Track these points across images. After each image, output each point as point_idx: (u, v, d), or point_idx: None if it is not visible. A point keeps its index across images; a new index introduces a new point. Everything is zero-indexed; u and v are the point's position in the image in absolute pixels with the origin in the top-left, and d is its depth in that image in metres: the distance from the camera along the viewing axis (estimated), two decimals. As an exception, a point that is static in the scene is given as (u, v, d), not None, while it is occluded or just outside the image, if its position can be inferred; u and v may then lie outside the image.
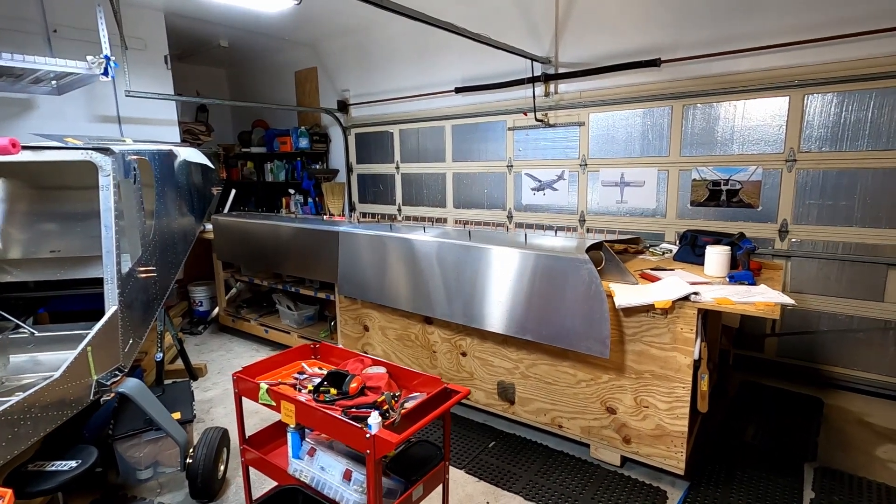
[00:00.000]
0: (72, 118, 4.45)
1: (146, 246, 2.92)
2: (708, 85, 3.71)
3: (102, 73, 3.32)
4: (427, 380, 1.88)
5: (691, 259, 3.06)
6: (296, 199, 6.60)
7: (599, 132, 4.29)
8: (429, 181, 5.58)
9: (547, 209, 4.72)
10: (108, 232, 2.45)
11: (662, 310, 2.33)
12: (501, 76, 4.73)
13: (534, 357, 2.81)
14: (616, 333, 2.50)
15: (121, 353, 2.45)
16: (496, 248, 2.77)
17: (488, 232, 3.34)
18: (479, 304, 2.84)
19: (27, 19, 4.09)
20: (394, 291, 3.28)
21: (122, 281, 2.54)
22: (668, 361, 2.38)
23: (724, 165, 3.74)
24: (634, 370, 2.49)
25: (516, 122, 4.75)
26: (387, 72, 5.74)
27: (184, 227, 3.84)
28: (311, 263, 3.84)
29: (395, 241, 3.21)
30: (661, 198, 4.07)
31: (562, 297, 2.51)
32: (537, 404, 2.87)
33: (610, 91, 4.18)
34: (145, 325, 2.86)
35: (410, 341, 3.39)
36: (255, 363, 2.10)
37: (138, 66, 4.87)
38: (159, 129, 5.09)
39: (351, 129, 6.27)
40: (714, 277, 2.67)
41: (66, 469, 1.99)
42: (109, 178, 2.48)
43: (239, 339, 4.80)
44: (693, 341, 2.30)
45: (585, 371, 2.64)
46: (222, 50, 6.54)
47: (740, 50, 3.54)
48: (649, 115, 4.02)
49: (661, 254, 3.32)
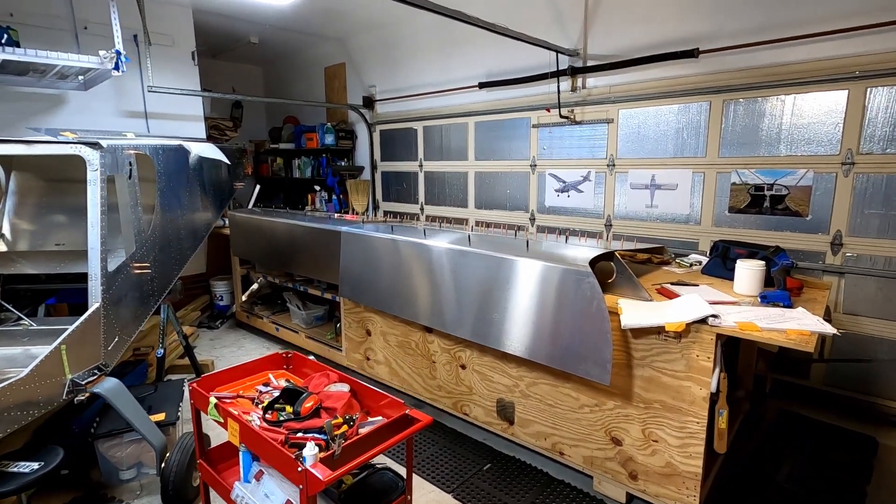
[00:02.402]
0: (99, 113, 4.55)
1: (142, 241, 2.89)
2: (753, 77, 3.31)
3: (114, 67, 3.34)
4: (392, 403, 1.69)
5: (721, 273, 2.72)
6: (320, 196, 6.57)
7: (629, 130, 3.95)
8: (451, 180, 5.38)
9: (571, 212, 4.42)
10: (93, 228, 2.40)
11: (675, 333, 2.03)
12: (526, 71, 4.47)
13: (534, 375, 2.57)
14: (623, 356, 2.22)
15: (102, 351, 2.41)
16: (490, 255, 2.54)
17: (491, 236, 3.10)
18: (472, 314, 2.62)
19: (57, 16, 4.20)
20: (390, 296, 3.11)
21: (110, 277, 2.50)
22: (680, 392, 2.08)
23: (769, 168, 3.33)
24: (643, 399, 2.20)
25: (541, 118, 4.47)
26: (412, 67, 5.58)
27: (193, 222, 3.83)
28: (317, 263, 3.74)
29: (392, 244, 3.04)
30: (695, 203, 3.70)
31: (560, 313, 2.26)
32: (537, 427, 2.63)
33: (642, 85, 3.84)
34: (137, 323, 2.82)
35: (411, 349, 3.21)
36: (222, 371, 1.98)
37: (166, 62, 4.94)
38: (185, 125, 5.14)
39: (376, 125, 6.16)
40: (744, 296, 2.33)
41: (28, 471, 1.94)
42: (97, 172, 2.44)
43: (253, 336, 4.79)
44: (710, 371, 1.99)
45: (589, 395, 2.37)
46: (254, 46, 6.59)
47: (792, 37, 3.13)
48: (685, 112, 3.65)
49: (689, 265, 2.98)
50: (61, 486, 2.52)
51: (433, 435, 3.02)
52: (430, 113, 5.43)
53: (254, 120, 7.83)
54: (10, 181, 3.12)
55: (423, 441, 2.96)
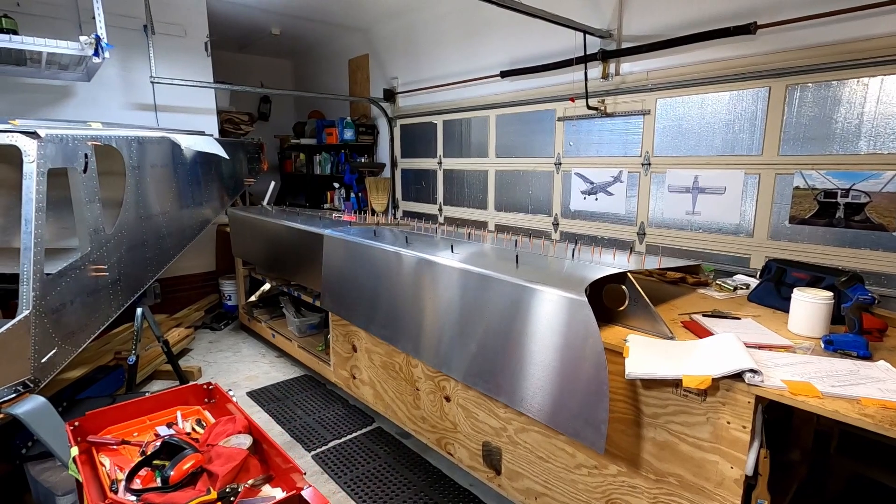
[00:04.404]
0: (106, 105, 4.43)
1: (101, 241, 2.64)
2: (825, 56, 2.66)
3: (94, 53, 3.13)
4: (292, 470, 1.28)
5: (773, 303, 2.14)
6: (339, 194, 6.29)
7: (668, 123, 3.36)
8: (470, 179, 4.93)
9: (599, 217, 3.86)
10: (27, 226, 2.15)
11: (698, 389, 1.51)
12: (552, 57, 3.94)
13: (524, 420, 2.09)
14: (629, 409, 1.71)
15: (32, 365, 2.15)
16: (464, 269, 2.09)
17: (479, 245, 2.63)
18: (446, 341, 2.20)
19: (61, 5, 4.09)
20: (369, 311, 2.72)
21: (49, 282, 2.24)
22: (703, 467, 1.55)
23: (845, 169, 2.67)
24: (654, 468, 1.68)
25: (567, 111, 3.93)
26: (433, 57, 5.17)
27: (180, 219, 3.59)
28: (305, 268, 3.41)
29: (369, 252, 2.65)
30: (747, 210, 3.06)
31: (545, 352, 1.78)
32: (527, 482, 2.14)
33: (685, 70, 3.23)
34: (88, 331, 2.57)
35: (395, 371, 2.80)
36: (125, 403, 1.65)
37: (177, 53, 4.79)
38: (196, 118, 4.97)
39: (396, 119, 5.80)
40: (801, 338, 1.76)
41: None
42: (34, 165, 2.18)
43: (252, 341, 4.54)
44: (745, 445, 1.45)
45: (587, 454, 1.87)
46: (280, 39, 6.40)
47: (878, 3, 2.46)
48: (737, 101, 3.03)
49: (732, 289, 2.40)
50: (-7, 509, 2.30)
51: (412, 475, 2.60)
52: (451, 106, 5.00)
53: (283, 115, 7.69)
54: (-17, 173, 2.97)
55: (399, 481, 2.55)
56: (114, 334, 3.74)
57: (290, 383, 3.69)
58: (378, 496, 2.44)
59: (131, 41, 4.45)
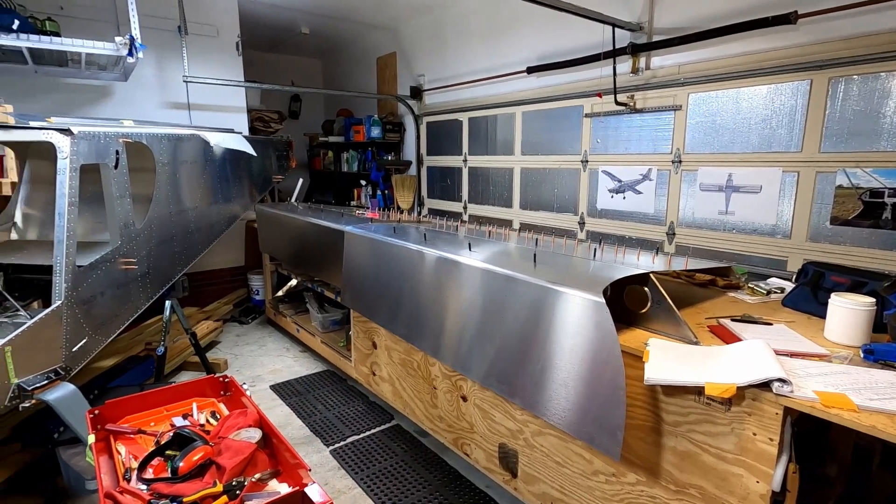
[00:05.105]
0: (143, 104, 4.58)
1: (130, 235, 2.72)
2: (872, 47, 2.49)
3: (128, 53, 3.24)
4: (299, 466, 1.28)
5: (809, 307, 2.02)
6: (365, 192, 6.34)
7: (701, 119, 3.22)
8: (496, 177, 4.87)
9: (627, 216, 3.74)
10: (60, 220, 2.23)
11: (722, 398, 1.43)
12: (580, 52, 3.85)
13: (540, 423, 2.04)
14: (649, 417, 1.64)
15: (63, 353, 2.24)
16: (477, 267, 2.05)
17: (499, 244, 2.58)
18: (461, 339, 2.16)
19: (100, 8, 4.25)
20: (388, 308, 2.72)
21: (80, 274, 2.33)
22: (727, 480, 1.47)
23: (893, 167, 2.50)
24: (674, 479, 1.61)
25: (595, 106, 3.83)
26: (459, 53, 5.14)
27: (209, 215, 3.68)
28: (327, 264, 3.43)
29: (387, 248, 2.64)
30: (784, 210, 2.91)
31: (561, 354, 1.72)
32: (543, 486, 2.09)
33: (719, 63, 3.10)
34: (118, 322, 2.66)
35: (413, 370, 2.79)
36: (143, 394, 1.69)
37: (210, 53, 4.91)
38: (227, 116, 5.09)
39: (423, 117, 5.79)
40: (838, 346, 1.65)
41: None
42: (67, 160, 2.26)
43: (277, 335, 4.62)
44: (773, 459, 1.37)
45: (604, 460, 1.81)
46: (309, 39, 6.49)
47: (935, -12, 2.29)
48: (775, 95, 2.88)
49: (765, 293, 2.28)
50: (28, 490, 2.40)
51: (429, 474, 2.58)
52: (476, 103, 4.95)
53: (312, 113, 7.80)
54: (25, 169, 3.11)
55: (416, 480, 2.54)
56: (144, 326, 3.87)
57: (313, 378, 3.73)
58: (394, 494, 2.43)
59: (166, 42, 4.58)
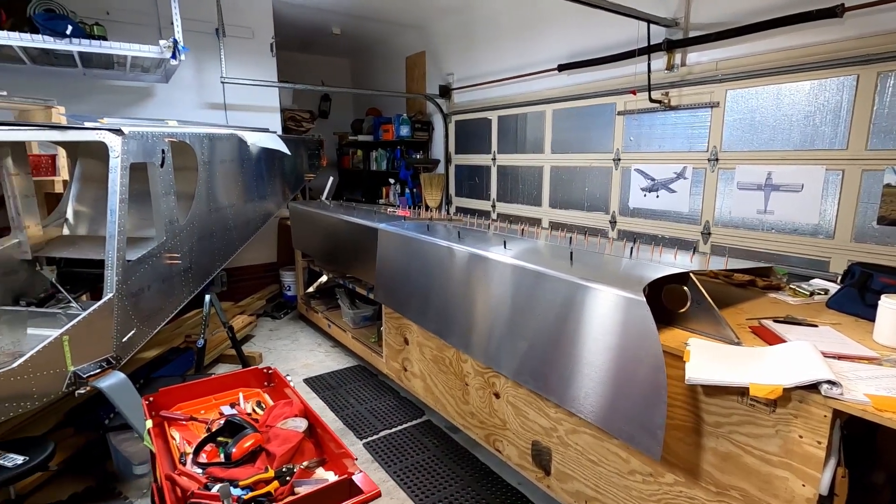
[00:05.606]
0: (182, 105, 4.74)
1: (174, 231, 2.83)
2: (925, 39, 2.40)
3: (171, 56, 3.36)
4: (344, 455, 1.32)
5: (856, 310, 1.96)
6: (394, 190, 6.40)
7: (739, 115, 3.15)
8: (525, 175, 4.86)
9: (660, 215, 3.69)
10: (111, 216, 2.34)
11: (767, 399, 1.41)
12: (612, 49, 3.81)
13: (575, 422, 2.04)
14: (689, 417, 1.63)
15: (114, 343, 2.34)
16: (515, 265, 2.06)
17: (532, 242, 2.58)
18: (496, 337, 2.18)
19: (143, 12, 4.41)
20: (421, 304, 2.75)
21: (129, 268, 2.43)
22: (771, 483, 1.45)
23: (946, 165, 2.41)
24: (714, 480, 1.59)
25: (628, 104, 3.78)
26: (489, 52, 5.14)
27: (245, 212, 3.78)
28: (360, 261, 3.49)
29: (421, 246, 2.67)
30: (828, 210, 2.83)
31: (599, 352, 1.72)
32: (577, 485, 2.10)
33: (759, 59, 3.02)
34: (163, 315, 2.76)
35: (445, 366, 2.82)
36: (191, 383, 1.76)
37: (246, 55, 5.03)
38: (262, 116, 5.21)
39: (451, 116, 5.82)
40: (888, 349, 1.61)
41: (10, 466, 1.88)
42: (118, 159, 2.37)
43: (309, 330, 4.72)
44: (820, 462, 1.34)
45: (641, 459, 1.80)
46: (339, 39, 6.59)
47: None
48: (819, 91, 2.80)
49: (808, 294, 2.22)
50: (79, 472, 2.52)
51: (460, 469, 2.61)
52: (506, 101, 4.95)
53: (342, 112, 7.91)
54: (76, 167, 3.26)
55: (447, 474, 2.57)
56: (184, 319, 4.00)
57: (344, 372, 3.80)
58: (426, 487, 2.47)
59: (203, 44, 4.72)
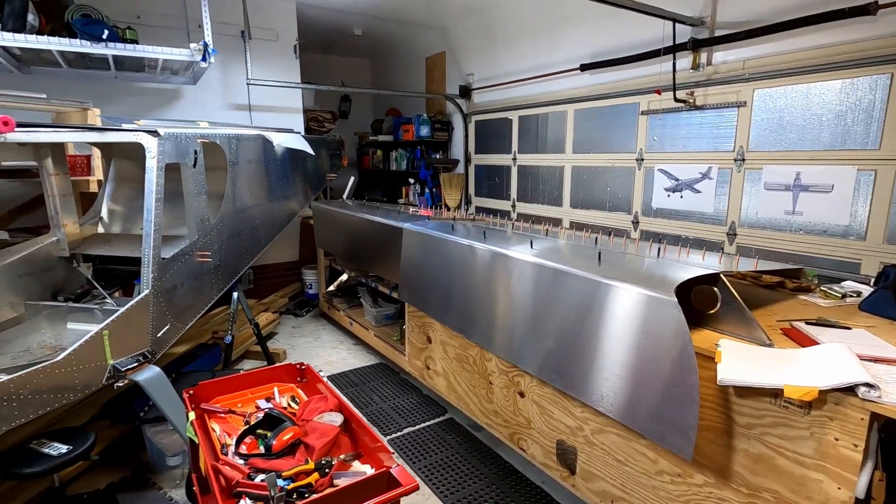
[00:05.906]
0: (208, 106, 4.84)
1: (206, 230, 2.90)
2: (964, 37, 2.35)
3: (202, 58, 3.44)
4: (380, 449, 1.35)
5: (891, 312, 1.94)
6: (414, 190, 6.44)
7: (767, 115, 3.12)
8: (545, 175, 4.86)
9: (684, 216, 3.66)
10: (148, 215, 2.41)
11: (801, 401, 1.40)
12: (636, 49, 3.79)
13: (601, 421, 2.05)
14: (720, 418, 1.62)
15: (150, 338, 2.42)
16: (543, 265, 2.08)
17: (556, 241, 2.59)
18: (523, 336, 2.19)
19: (173, 16, 4.52)
20: (445, 303, 2.78)
21: (164, 265, 2.51)
22: (805, 485, 1.44)
23: (984, 165, 2.35)
24: (746, 482, 1.59)
25: (652, 103, 3.76)
26: (510, 52, 5.15)
27: (271, 211, 3.85)
28: (383, 260, 3.54)
29: (446, 245, 2.70)
30: (859, 211, 2.78)
31: (630, 352, 1.73)
32: (603, 484, 2.10)
33: (787, 58, 2.98)
34: (194, 311, 2.83)
35: (469, 364, 2.85)
36: (227, 378, 1.82)
37: (270, 57, 5.12)
38: (285, 117, 5.30)
39: (471, 116, 5.84)
40: (925, 353, 1.58)
41: (55, 455, 1.96)
42: (155, 160, 2.44)
43: (331, 328, 4.79)
44: (857, 465, 1.33)
45: (670, 460, 1.80)
46: (360, 40, 6.65)
47: None
48: (850, 89, 2.75)
49: (840, 296, 2.19)
50: (115, 462, 2.61)
51: (484, 467, 2.63)
52: (527, 101, 4.95)
53: (362, 112, 7.99)
54: (111, 168, 3.36)
55: (471, 472, 2.59)
56: (211, 315, 4.09)
57: (367, 370, 3.85)
58: (451, 484, 2.50)
59: (229, 46, 4.81)
